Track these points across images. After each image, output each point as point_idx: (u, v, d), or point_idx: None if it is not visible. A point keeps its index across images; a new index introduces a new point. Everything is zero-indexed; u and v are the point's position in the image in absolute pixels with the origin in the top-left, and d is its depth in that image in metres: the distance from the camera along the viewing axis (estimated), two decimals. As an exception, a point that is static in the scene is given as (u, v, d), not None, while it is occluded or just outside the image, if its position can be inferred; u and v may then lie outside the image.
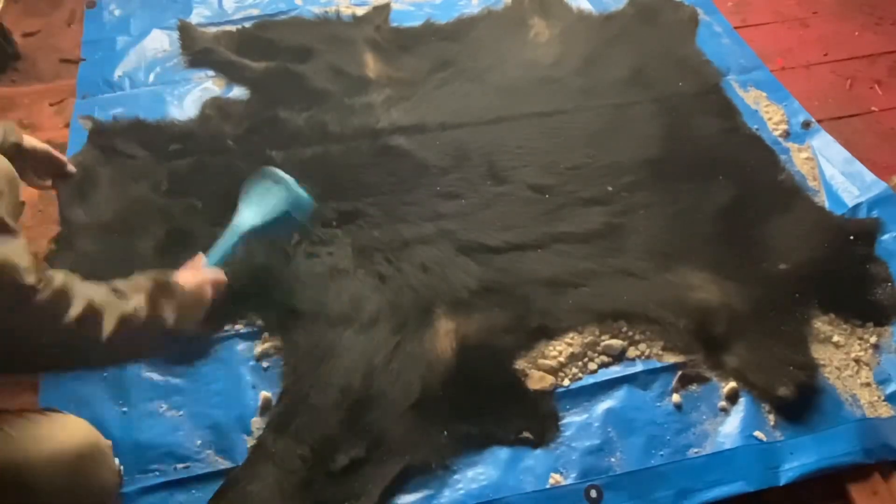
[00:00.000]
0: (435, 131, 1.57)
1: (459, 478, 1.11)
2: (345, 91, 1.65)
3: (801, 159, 1.60)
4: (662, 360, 1.25)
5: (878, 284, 1.35)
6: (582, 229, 1.40)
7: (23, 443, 0.79)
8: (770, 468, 1.13)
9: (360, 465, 1.10)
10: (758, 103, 1.72)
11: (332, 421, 1.13)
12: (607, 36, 1.83)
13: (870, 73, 1.83)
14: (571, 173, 1.50)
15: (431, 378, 1.18)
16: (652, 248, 1.38)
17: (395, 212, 1.42)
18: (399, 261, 1.34)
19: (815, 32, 1.95)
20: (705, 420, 1.19)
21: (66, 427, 0.85)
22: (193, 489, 1.09)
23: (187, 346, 1.23)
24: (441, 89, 1.68)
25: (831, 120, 1.70)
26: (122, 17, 1.90)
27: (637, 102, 1.66)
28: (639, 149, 1.56)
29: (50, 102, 1.71)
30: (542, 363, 1.23)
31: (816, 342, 1.28)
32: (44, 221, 1.46)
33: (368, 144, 1.53)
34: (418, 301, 1.28)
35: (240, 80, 1.71)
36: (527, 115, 1.62)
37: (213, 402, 1.18)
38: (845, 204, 1.49)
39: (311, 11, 1.89)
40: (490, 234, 1.39)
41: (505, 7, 1.93)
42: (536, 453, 1.14)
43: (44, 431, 0.82)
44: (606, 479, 1.12)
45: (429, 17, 1.89)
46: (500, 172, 1.50)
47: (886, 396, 1.22)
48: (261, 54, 1.75)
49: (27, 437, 0.79)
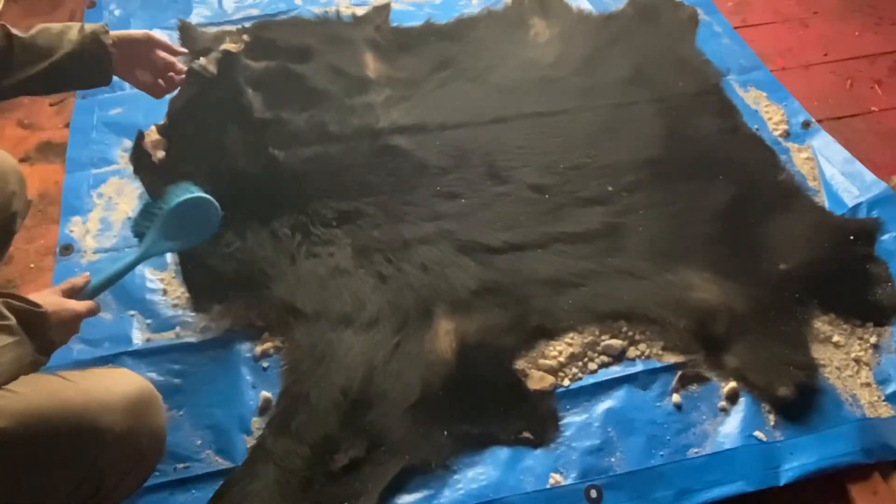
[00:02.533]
0: (435, 131, 1.57)
1: (459, 478, 1.11)
2: (345, 91, 1.64)
3: (801, 159, 1.60)
4: (662, 360, 1.25)
5: (878, 284, 1.35)
6: (582, 229, 1.40)
7: (86, 387, 0.81)
8: (770, 468, 1.13)
9: (360, 464, 1.10)
10: (758, 103, 1.72)
11: (332, 421, 1.13)
12: (607, 36, 1.83)
13: (870, 73, 1.83)
14: (571, 173, 1.50)
15: (431, 378, 1.18)
16: (652, 248, 1.38)
17: (395, 212, 1.42)
18: (399, 261, 1.34)
19: (815, 32, 1.95)
20: (705, 420, 1.19)
21: (125, 376, 0.89)
22: (193, 489, 1.09)
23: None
24: (441, 89, 1.68)
25: (831, 120, 1.70)
26: (122, 17, 1.90)
27: (637, 102, 1.66)
28: (639, 149, 1.56)
29: (50, 102, 1.71)
30: (542, 363, 1.23)
31: (816, 342, 1.28)
32: (43, 221, 1.46)
33: (368, 144, 1.53)
34: (418, 301, 1.28)
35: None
36: (527, 115, 1.62)
37: (213, 402, 1.19)
38: (845, 204, 1.49)
39: (311, 11, 1.90)
40: (490, 234, 1.39)
41: (505, 7, 1.93)
42: (536, 453, 1.14)
43: (105, 380, 0.85)
44: (606, 479, 1.12)
45: (429, 17, 1.89)
46: (500, 172, 1.50)
47: (886, 396, 1.22)
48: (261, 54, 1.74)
49: (90, 383, 0.82)
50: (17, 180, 1.13)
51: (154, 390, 0.90)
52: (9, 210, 1.10)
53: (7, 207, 1.10)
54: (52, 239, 1.41)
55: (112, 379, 0.87)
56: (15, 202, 1.12)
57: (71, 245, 1.40)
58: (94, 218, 1.45)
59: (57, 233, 1.42)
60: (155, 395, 0.90)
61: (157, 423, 0.88)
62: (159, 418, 0.88)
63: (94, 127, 1.62)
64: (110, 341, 1.25)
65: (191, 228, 1.18)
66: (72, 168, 1.54)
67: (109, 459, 0.80)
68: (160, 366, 1.23)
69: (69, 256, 1.39)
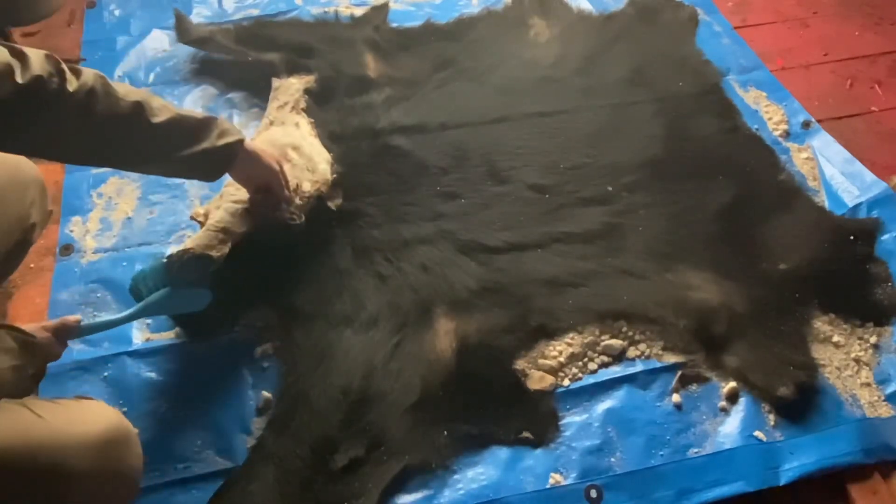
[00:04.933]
0: (435, 131, 1.57)
1: (459, 478, 1.11)
2: (345, 91, 1.65)
3: (801, 159, 1.60)
4: (662, 360, 1.25)
5: (878, 284, 1.35)
6: (582, 229, 1.40)
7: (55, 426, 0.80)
8: (770, 468, 1.13)
9: (360, 464, 1.10)
10: (758, 103, 1.72)
11: (332, 421, 1.13)
12: (607, 36, 1.83)
13: (870, 73, 1.83)
14: (571, 173, 1.50)
15: (431, 378, 1.18)
16: (652, 248, 1.38)
17: (395, 212, 1.42)
18: (399, 261, 1.34)
19: (815, 32, 1.95)
20: (705, 420, 1.19)
21: (96, 412, 0.86)
22: (193, 489, 1.09)
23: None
24: (441, 89, 1.68)
25: (831, 120, 1.70)
26: (122, 17, 1.90)
27: (637, 102, 1.66)
28: (639, 149, 1.56)
29: (50, 102, 1.71)
30: (542, 363, 1.23)
31: (816, 342, 1.28)
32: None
33: (368, 144, 1.53)
34: (418, 301, 1.28)
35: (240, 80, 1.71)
36: (527, 115, 1.62)
37: (213, 402, 1.18)
38: (845, 204, 1.49)
39: (311, 12, 1.90)
40: (490, 234, 1.39)
41: (505, 7, 1.93)
42: (536, 453, 1.14)
43: (75, 416, 0.83)
44: (606, 479, 1.12)
45: (429, 17, 1.89)
46: (500, 172, 1.50)
47: (886, 396, 1.22)
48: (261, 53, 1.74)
49: (59, 421, 0.81)
50: (38, 189, 1.10)
51: (128, 427, 0.88)
52: (28, 221, 1.07)
53: (26, 218, 1.07)
54: (52, 239, 1.41)
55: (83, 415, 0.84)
56: (34, 212, 1.08)
57: (71, 245, 1.40)
58: (94, 218, 1.45)
59: (57, 233, 1.42)
60: (129, 432, 0.88)
61: (129, 463, 0.86)
62: (132, 458, 0.87)
63: (94, 127, 1.62)
64: (110, 341, 1.25)
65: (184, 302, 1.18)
66: (72, 168, 1.54)
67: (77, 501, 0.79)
68: (160, 366, 1.23)
69: (69, 256, 1.39)
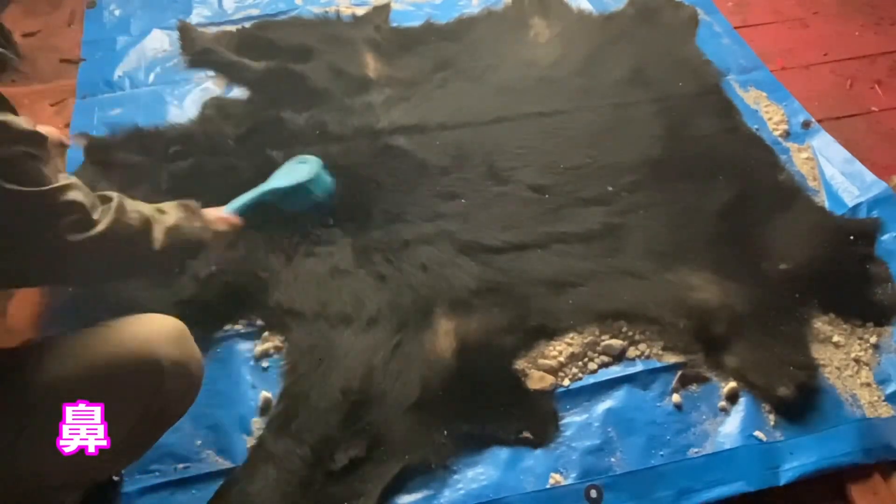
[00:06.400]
0: (435, 131, 1.57)
1: (459, 478, 1.11)
2: (345, 91, 1.65)
3: (801, 159, 1.60)
4: (662, 360, 1.25)
5: (878, 284, 1.35)
6: (582, 229, 1.40)
7: (137, 331, 0.91)
8: (770, 468, 1.13)
9: (360, 464, 1.10)
10: (758, 103, 1.72)
11: (332, 421, 1.13)
12: (607, 36, 1.84)
13: (870, 73, 1.83)
14: (571, 173, 1.50)
15: (431, 378, 1.18)
16: (652, 248, 1.38)
17: (395, 212, 1.42)
18: (399, 261, 1.34)
19: (815, 32, 1.95)
20: (705, 420, 1.19)
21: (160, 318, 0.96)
22: (193, 489, 1.09)
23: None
24: (441, 89, 1.68)
25: (831, 120, 1.70)
26: (122, 17, 1.90)
27: (637, 102, 1.66)
28: (639, 149, 1.56)
29: (50, 103, 1.71)
30: (542, 363, 1.23)
31: (816, 342, 1.28)
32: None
33: (368, 144, 1.53)
34: (418, 301, 1.28)
35: (240, 80, 1.71)
36: (527, 115, 1.62)
37: (213, 402, 1.18)
38: (845, 204, 1.49)
39: (311, 11, 1.90)
40: (490, 234, 1.39)
41: (505, 7, 1.93)
42: (536, 453, 1.14)
43: (147, 322, 0.94)
44: (606, 479, 1.12)
45: (429, 17, 1.89)
46: (500, 172, 1.50)
47: (886, 396, 1.22)
48: (261, 54, 1.75)
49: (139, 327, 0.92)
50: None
51: (185, 326, 0.98)
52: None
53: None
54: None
55: (152, 320, 0.95)
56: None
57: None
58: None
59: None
60: (187, 330, 0.98)
61: (198, 351, 0.98)
62: (197, 351, 0.98)
63: (95, 127, 1.62)
64: (110, 341, 1.25)
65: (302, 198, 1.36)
66: (72, 168, 1.54)
67: (169, 385, 0.90)
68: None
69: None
